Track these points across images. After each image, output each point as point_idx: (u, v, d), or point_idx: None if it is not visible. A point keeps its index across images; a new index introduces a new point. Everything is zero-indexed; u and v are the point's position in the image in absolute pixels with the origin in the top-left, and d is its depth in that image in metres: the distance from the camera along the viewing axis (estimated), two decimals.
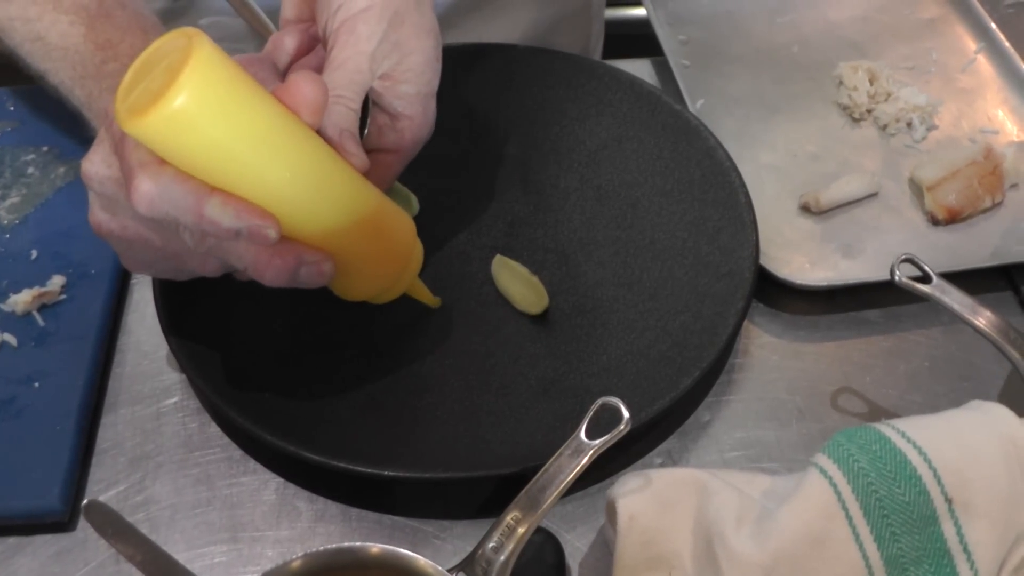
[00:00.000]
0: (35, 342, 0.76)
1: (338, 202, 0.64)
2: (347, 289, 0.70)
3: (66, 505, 0.69)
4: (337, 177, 0.64)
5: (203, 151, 0.57)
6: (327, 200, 0.63)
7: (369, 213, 0.66)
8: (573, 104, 0.90)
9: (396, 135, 0.72)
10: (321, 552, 0.57)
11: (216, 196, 0.58)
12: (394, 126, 0.72)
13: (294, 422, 0.70)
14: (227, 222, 0.58)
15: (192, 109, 0.55)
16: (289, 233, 0.61)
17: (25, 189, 0.87)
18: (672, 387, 0.70)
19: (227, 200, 0.58)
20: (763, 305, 0.80)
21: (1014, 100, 0.94)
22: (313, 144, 0.63)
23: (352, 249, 0.66)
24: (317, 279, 0.64)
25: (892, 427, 0.61)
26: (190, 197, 0.58)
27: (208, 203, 0.58)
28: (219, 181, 0.59)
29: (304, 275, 0.63)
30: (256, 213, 0.59)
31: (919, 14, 1.04)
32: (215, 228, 0.59)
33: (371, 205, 0.67)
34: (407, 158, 0.74)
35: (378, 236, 0.68)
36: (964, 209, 0.84)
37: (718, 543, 0.59)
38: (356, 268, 0.68)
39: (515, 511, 0.58)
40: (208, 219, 0.58)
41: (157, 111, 0.54)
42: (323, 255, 0.63)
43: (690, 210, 0.82)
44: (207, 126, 0.56)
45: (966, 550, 0.58)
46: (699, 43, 1.01)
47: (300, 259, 0.62)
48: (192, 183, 0.58)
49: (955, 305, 0.69)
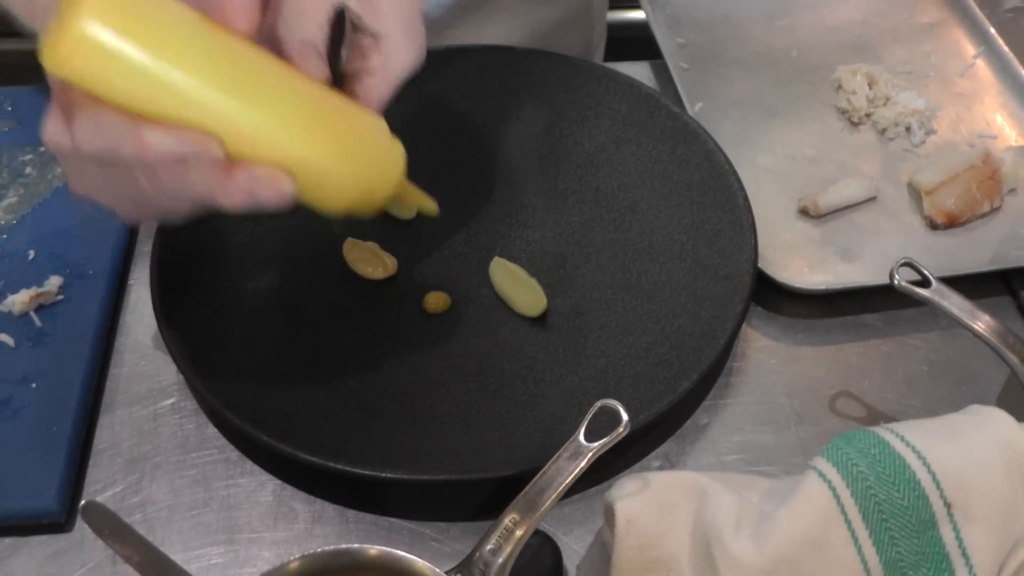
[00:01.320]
0: (32, 342, 0.76)
1: (287, 114, 0.60)
2: (322, 203, 0.65)
3: (63, 506, 0.69)
4: (281, 87, 0.61)
5: (125, 79, 0.55)
6: (273, 114, 0.60)
7: (324, 120, 0.63)
8: (572, 106, 0.90)
9: (381, 57, 0.67)
10: (318, 554, 0.57)
11: (149, 124, 0.56)
12: (378, 47, 0.67)
13: (291, 423, 0.70)
14: (165, 147, 0.56)
15: (98, 34, 0.53)
16: (238, 153, 0.58)
17: (23, 189, 0.87)
18: (670, 390, 0.70)
19: (160, 127, 0.56)
20: (761, 308, 0.80)
21: (1013, 105, 0.94)
22: (247, 54, 0.60)
23: (312, 160, 0.62)
24: (277, 198, 0.60)
25: (891, 431, 0.61)
26: (124, 127, 0.56)
27: (144, 132, 0.56)
28: (153, 108, 0.56)
29: (263, 194, 0.60)
30: (194, 132, 0.57)
31: (918, 18, 1.04)
32: (155, 153, 0.56)
33: (325, 112, 0.63)
34: (393, 81, 0.68)
35: (338, 143, 0.63)
36: (963, 214, 0.84)
37: (716, 546, 0.59)
38: (323, 180, 0.63)
39: (513, 513, 0.58)
40: (146, 148, 0.56)
41: (64, 43, 0.53)
42: (277, 171, 0.59)
43: (688, 213, 0.82)
44: (119, 50, 0.54)
45: (965, 554, 0.58)
46: (698, 46, 1.01)
47: (253, 178, 0.59)
48: (125, 115, 0.56)
49: (954, 309, 0.69)
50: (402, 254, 0.81)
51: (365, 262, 0.80)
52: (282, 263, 0.80)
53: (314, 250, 0.81)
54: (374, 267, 0.80)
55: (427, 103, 0.90)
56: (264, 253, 0.81)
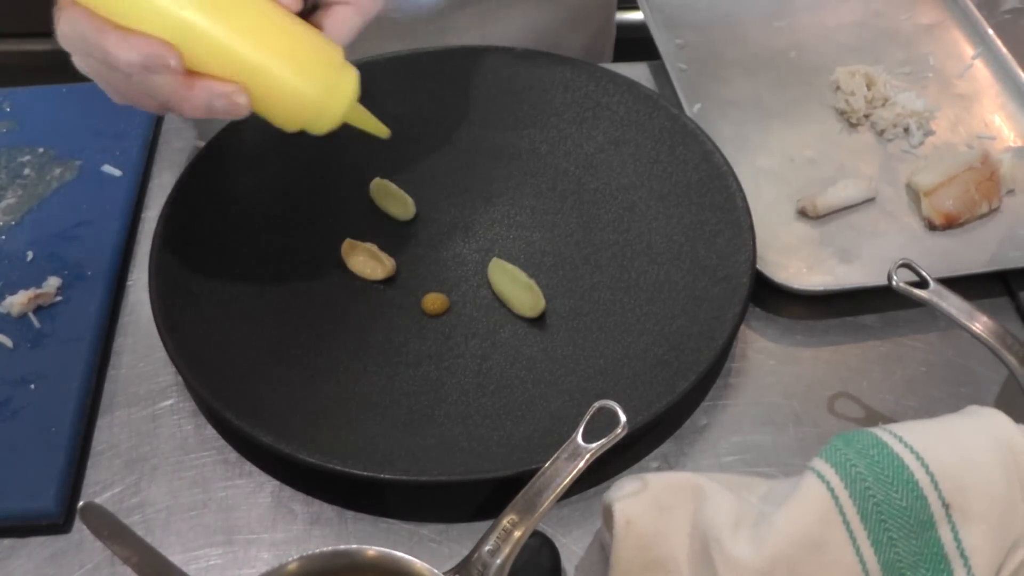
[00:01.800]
0: (31, 344, 0.76)
1: (245, 34, 0.66)
2: (276, 118, 0.71)
3: (62, 507, 0.69)
4: (243, 7, 0.67)
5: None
6: (232, 32, 0.66)
7: (279, 43, 0.68)
8: (570, 107, 0.90)
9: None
10: (317, 555, 0.57)
11: (115, 32, 0.63)
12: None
13: (290, 425, 0.70)
14: (126, 55, 0.63)
15: None
16: (200, 67, 0.65)
17: (21, 190, 0.87)
18: (669, 391, 0.70)
19: (125, 35, 0.63)
20: (760, 309, 0.80)
21: (1011, 106, 0.94)
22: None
23: (266, 79, 0.68)
24: (233, 110, 0.67)
25: (889, 432, 0.61)
26: (94, 33, 0.63)
27: (107, 38, 0.63)
28: (119, 16, 0.63)
29: (220, 107, 0.66)
30: (153, 44, 0.63)
31: (916, 19, 1.04)
32: (118, 61, 0.63)
33: (282, 35, 0.69)
34: (366, 12, 0.73)
35: (292, 64, 0.68)
36: (961, 215, 0.84)
37: (715, 547, 0.59)
38: (275, 98, 0.69)
39: (511, 514, 0.58)
40: (111, 54, 0.63)
41: None
42: (234, 87, 0.66)
43: (687, 214, 0.82)
44: None
45: (963, 555, 0.58)
46: (696, 47, 1.01)
47: (211, 91, 0.65)
48: (96, 21, 0.63)
49: (952, 310, 0.69)
50: (401, 255, 0.81)
51: (363, 263, 0.80)
52: (280, 264, 0.81)
53: (312, 251, 0.82)
54: (372, 268, 0.80)
55: (426, 103, 0.90)
56: (262, 254, 0.81)
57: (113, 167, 0.88)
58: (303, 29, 0.70)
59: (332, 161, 0.86)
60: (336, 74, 0.71)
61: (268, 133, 0.84)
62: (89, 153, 0.89)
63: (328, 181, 0.86)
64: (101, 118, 0.92)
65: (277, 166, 0.86)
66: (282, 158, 0.86)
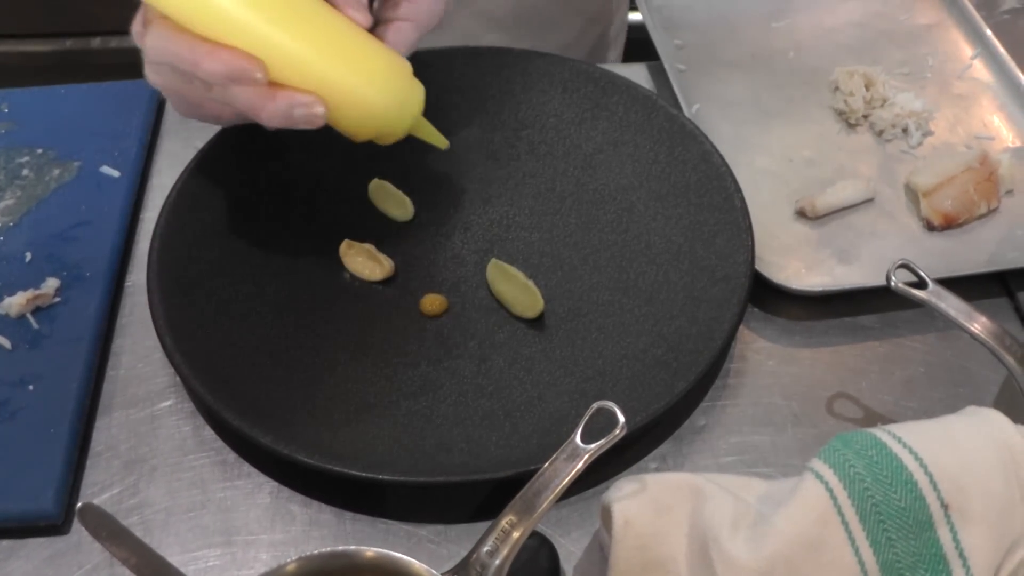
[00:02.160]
0: (29, 345, 0.76)
1: (326, 49, 0.71)
2: (348, 129, 0.75)
3: (60, 508, 0.69)
4: (325, 26, 0.72)
5: (190, 5, 0.67)
6: (314, 47, 0.70)
7: (358, 59, 0.73)
8: (569, 108, 0.90)
9: (410, 5, 0.78)
10: (315, 556, 0.57)
11: (205, 45, 0.67)
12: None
13: (288, 426, 0.70)
14: (215, 67, 0.67)
15: None
16: (281, 78, 0.69)
17: (20, 191, 0.87)
18: (668, 392, 0.70)
19: (214, 49, 0.67)
20: (758, 310, 0.80)
21: (1010, 106, 0.94)
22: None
23: (344, 92, 0.72)
24: (311, 120, 0.70)
25: (888, 432, 0.61)
26: (183, 47, 0.68)
27: (198, 52, 0.67)
28: (210, 32, 0.67)
29: (298, 116, 0.70)
30: (241, 58, 0.67)
31: (915, 20, 1.04)
32: (207, 74, 0.67)
33: (360, 51, 0.73)
34: (422, 28, 0.79)
35: (368, 80, 0.73)
36: (960, 215, 0.84)
37: (713, 548, 0.59)
38: (351, 110, 0.73)
39: (510, 515, 0.58)
40: (200, 66, 0.67)
41: None
42: (314, 99, 0.70)
43: (686, 215, 0.82)
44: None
45: (962, 556, 0.58)
46: (695, 48, 1.01)
47: (292, 101, 0.69)
48: (186, 35, 0.68)
49: (951, 311, 0.69)
50: (399, 256, 0.81)
51: (362, 264, 0.80)
52: (279, 265, 0.80)
53: (311, 252, 0.82)
54: (371, 269, 0.80)
55: (425, 104, 0.90)
56: (261, 255, 0.81)
57: (112, 168, 0.88)
58: (376, 44, 0.75)
59: (330, 162, 0.86)
60: (407, 87, 0.76)
61: (266, 135, 0.84)
62: (88, 154, 0.89)
63: (326, 182, 0.86)
64: (100, 119, 0.92)
65: (275, 167, 0.86)
66: (280, 159, 0.86)
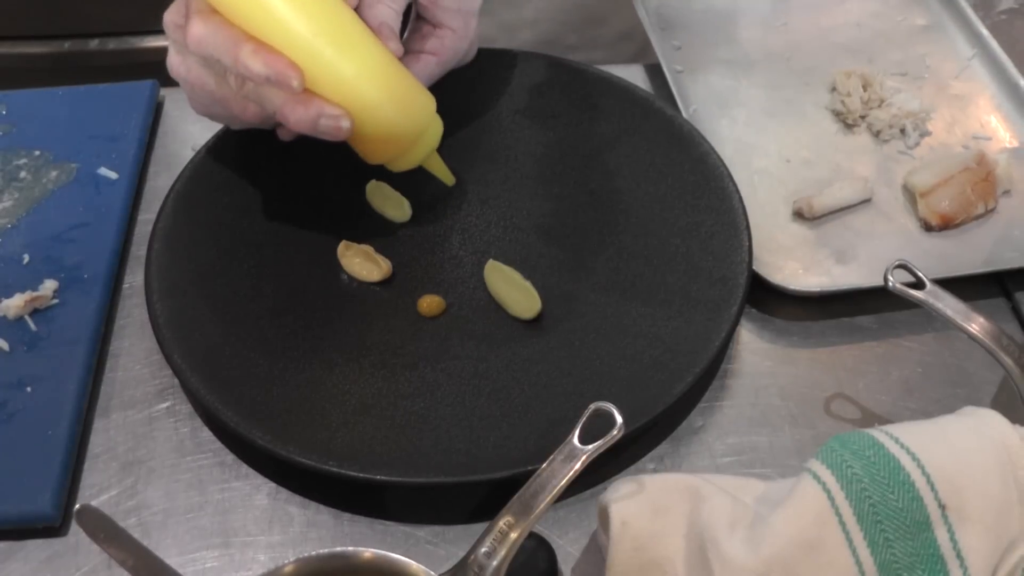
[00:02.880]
0: (27, 347, 0.76)
1: (361, 69, 0.73)
2: (366, 149, 0.78)
3: (58, 510, 0.69)
4: (363, 47, 0.74)
5: (243, 5, 0.69)
6: (351, 65, 0.73)
7: (389, 83, 0.75)
8: (567, 109, 0.90)
9: (437, 41, 0.84)
10: (313, 557, 0.57)
11: (250, 43, 0.69)
12: (436, 34, 0.84)
13: (286, 427, 0.70)
14: (256, 67, 0.69)
15: None
16: (315, 88, 0.72)
17: (17, 193, 0.87)
18: (665, 393, 0.70)
19: (259, 48, 0.69)
20: (756, 311, 0.80)
21: (1007, 107, 0.94)
22: (344, 15, 0.73)
23: (371, 112, 0.74)
24: (335, 132, 0.73)
25: (885, 433, 0.61)
26: (229, 41, 0.69)
27: (243, 48, 0.69)
28: (257, 32, 0.70)
29: (323, 126, 0.72)
30: (283, 63, 0.69)
31: (912, 20, 1.04)
32: (247, 71, 0.69)
33: (392, 77, 0.76)
34: (446, 63, 0.85)
35: (395, 104, 0.75)
36: (957, 215, 0.84)
37: (711, 548, 0.59)
38: (373, 131, 0.75)
39: (508, 516, 0.58)
40: (241, 62, 0.69)
41: None
42: (343, 113, 0.72)
43: (683, 216, 0.82)
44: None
45: (959, 556, 0.58)
46: (692, 48, 1.01)
47: (321, 111, 0.72)
48: (233, 30, 0.69)
49: (948, 311, 0.69)
50: (396, 257, 0.81)
51: (360, 265, 0.80)
52: (276, 266, 0.80)
53: (308, 253, 0.81)
54: (369, 270, 0.80)
55: None
56: (259, 257, 0.81)
57: (109, 170, 0.88)
58: (406, 73, 0.78)
59: (327, 163, 0.86)
60: (429, 119, 0.79)
61: (264, 137, 0.84)
62: (85, 156, 0.89)
63: (324, 183, 0.86)
64: (97, 121, 0.92)
65: (273, 169, 0.86)
66: (278, 161, 0.86)
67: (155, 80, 0.96)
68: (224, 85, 0.74)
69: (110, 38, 1.95)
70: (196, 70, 0.75)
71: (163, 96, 0.97)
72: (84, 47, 1.94)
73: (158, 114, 0.96)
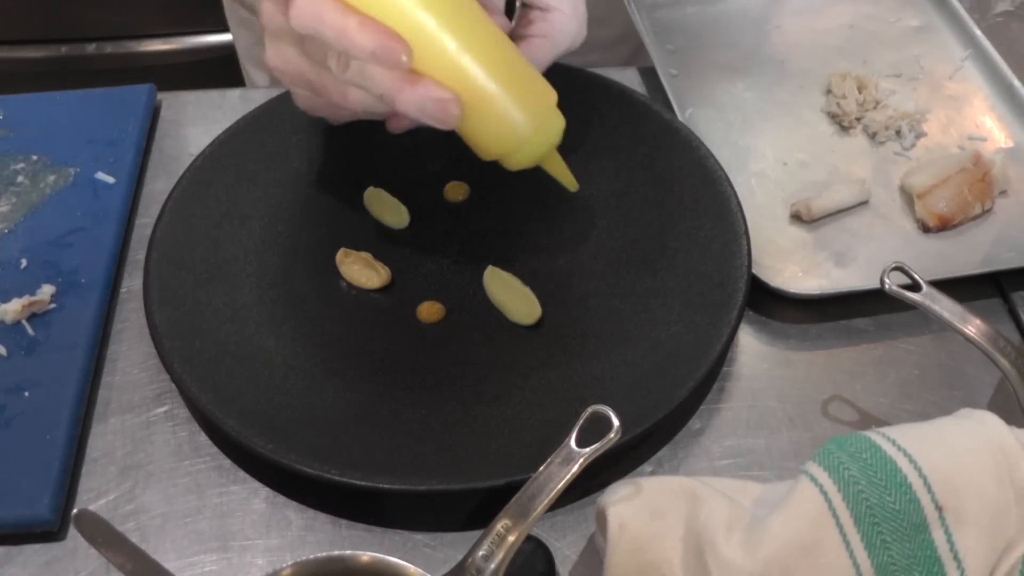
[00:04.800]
0: (25, 351, 0.76)
1: (473, 50, 0.68)
2: (477, 141, 0.73)
3: (56, 514, 0.69)
4: (474, 26, 0.69)
5: None
6: (462, 45, 0.68)
7: (505, 68, 0.70)
8: (563, 113, 0.90)
9: (546, 24, 0.79)
10: (311, 560, 0.57)
11: (357, 16, 0.65)
12: (544, 18, 0.80)
13: (284, 433, 0.69)
14: (363, 41, 0.65)
15: None
16: (423, 69, 0.67)
17: (15, 198, 0.87)
18: (667, 398, 0.70)
19: (365, 21, 0.65)
20: (753, 313, 0.81)
21: (1001, 107, 0.94)
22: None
23: (484, 99, 0.69)
24: (442, 116, 0.68)
25: (882, 435, 0.61)
26: (335, 15, 0.65)
27: (348, 21, 0.65)
28: (363, 7, 0.65)
29: (431, 109, 0.68)
30: (391, 37, 0.65)
31: (906, 22, 1.04)
32: (352, 45, 0.65)
33: (508, 61, 0.71)
34: (558, 46, 0.80)
35: (511, 91, 0.70)
36: (955, 216, 0.84)
37: (709, 551, 0.59)
38: (485, 120, 0.71)
39: (505, 519, 0.58)
40: (348, 36, 0.65)
41: None
42: (454, 96, 0.68)
43: (682, 220, 0.82)
44: None
45: (956, 558, 0.58)
46: (687, 52, 1.01)
47: (430, 94, 0.68)
48: (338, 4, 0.66)
49: (945, 313, 0.69)
50: (396, 264, 0.81)
51: (359, 272, 0.80)
52: (275, 272, 0.80)
53: (307, 260, 0.82)
54: (368, 277, 0.80)
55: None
56: (258, 262, 0.81)
57: (107, 174, 0.88)
58: (526, 63, 0.73)
59: (325, 170, 0.86)
60: (549, 115, 0.74)
61: (262, 141, 0.84)
62: (83, 160, 0.89)
63: (322, 190, 0.86)
64: (95, 125, 0.92)
65: (271, 174, 0.86)
66: (276, 167, 0.86)
67: (152, 84, 0.96)
68: (323, 72, 0.70)
69: (107, 42, 1.95)
70: (294, 59, 0.72)
71: (160, 100, 0.97)
72: (82, 51, 1.94)
73: (156, 118, 0.96)
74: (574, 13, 0.80)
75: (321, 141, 0.88)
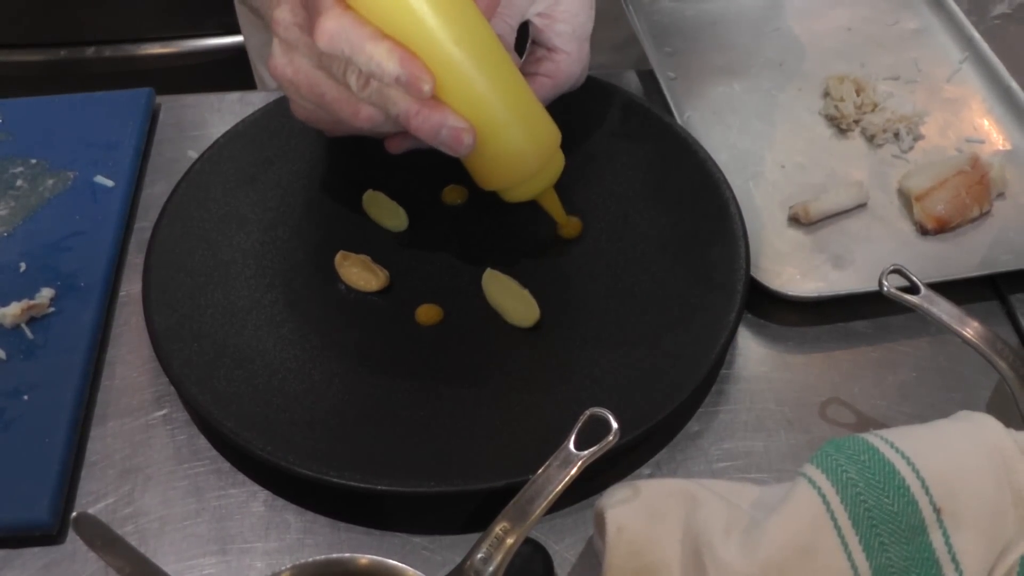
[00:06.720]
0: (24, 355, 0.76)
1: (492, 84, 0.70)
2: (483, 171, 0.75)
3: (55, 518, 0.69)
4: (496, 62, 0.71)
5: (386, 4, 0.67)
6: (483, 78, 0.70)
7: (519, 104, 0.73)
8: (562, 117, 0.90)
9: (552, 64, 0.82)
10: (310, 563, 0.57)
11: (386, 42, 0.66)
12: (551, 57, 0.83)
13: (283, 435, 0.70)
14: (390, 66, 0.66)
15: None
16: (442, 95, 0.69)
17: (14, 202, 0.87)
18: (665, 400, 0.70)
19: (395, 48, 0.66)
20: (751, 315, 0.81)
21: (999, 110, 0.95)
22: (482, 27, 0.70)
23: (497, 131, 0.71)
24: (455, 145, 0.70)
25: (880, 437, 0.61)
26: (364, 38, 0.66)
27: (378, 46, 0.66)
28: (392, 32, 0.67)
29: (445, 136, 0.69)
30: (417, 65, 0.67)
31: (904, 24, 1.04)
32: (379, 69, 0.67)
33: (522, 99, 0.73)
34: (559, 87, 0.83)
35: (523, 127, 0.73)
36: (953, 219, 0.84)
37: (706, 553, 0.59)
38: (495, 152, 0.73)
39: (504, 522, 0.58)
40: (376, 60, 0.66)
41: None
42: (469, 126, 0.69)
43: (681, 223, 0.82)
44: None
45: (954, 560, 0.58)
46: (685, 55, 1.01)
47: (446, 119, 0.69)
48: (369, 27, 0.67)
49: (943, 316, 0.69)
50: (394, 266, 0.81)
51: (357, 275, 0.80)
52: (274, 275, 0.81)
53: (306, 263, 0.82)
54: (366, 280, 0.80)
55: None
56: (255, 266, 0.81)
57: (106, 178, 0.88)
58: (538, 103, 0.75)
59: (324, 173, 0.86)
60: (553, 151, 0.76)
61: (261, 144, 0.84)
62: (82, 164, 0.90)
63: (320, 193, 0.86)
64: (94, 129, 0.92)
65: (270, 177, 0.86)
66: (275, 169, 0.86)
67: (151, 88, 0.96)
68: (339, 87, 0.71)
69: (106, 46, 1.95)
70: (307, 71, 0.72)
71: (159, 104, 0.97)
72: (80, 55, 1.94)
73: (154, 122, 0.96)
74: (579, 56, 0.83)
75: (320, 144, 0.88)
